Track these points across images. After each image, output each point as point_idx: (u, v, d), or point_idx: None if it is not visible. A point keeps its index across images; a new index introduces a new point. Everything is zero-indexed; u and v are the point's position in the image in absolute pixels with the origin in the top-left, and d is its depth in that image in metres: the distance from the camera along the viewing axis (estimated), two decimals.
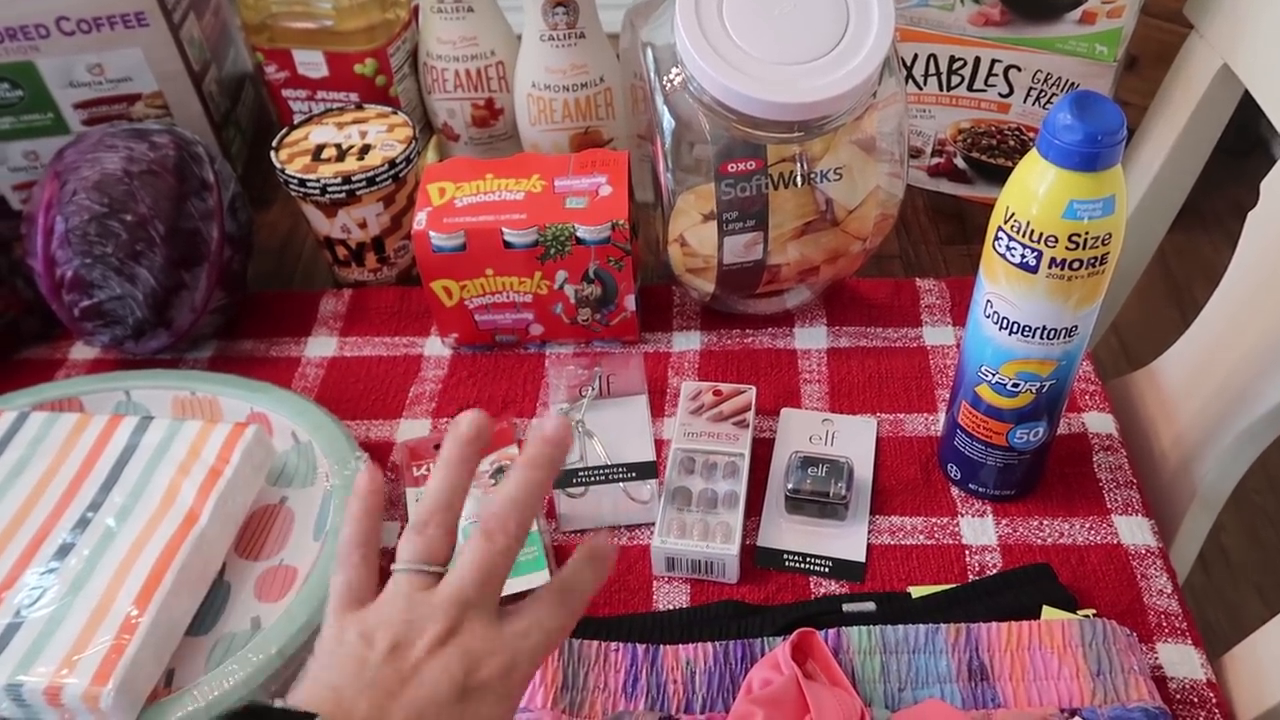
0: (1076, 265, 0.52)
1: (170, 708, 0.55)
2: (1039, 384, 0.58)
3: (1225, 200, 2.23)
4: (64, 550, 0.59)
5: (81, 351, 0.81)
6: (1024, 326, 0.56)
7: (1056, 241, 0.52)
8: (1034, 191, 0.52)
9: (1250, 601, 1.51)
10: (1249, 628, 0.59)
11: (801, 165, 0.68)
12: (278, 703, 0.37)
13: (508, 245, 0.71)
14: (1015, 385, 0.59)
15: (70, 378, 0.77)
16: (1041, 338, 0.56)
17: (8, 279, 0.78)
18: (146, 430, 0.66)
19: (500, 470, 0.68)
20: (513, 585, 0.61)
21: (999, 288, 0.56)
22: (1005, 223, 0.53)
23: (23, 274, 0.78)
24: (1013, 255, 0.54)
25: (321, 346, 0.80)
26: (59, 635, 0.55)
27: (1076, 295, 0.54)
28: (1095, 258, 0.52)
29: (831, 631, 0.54)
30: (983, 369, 0.60)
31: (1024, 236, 0.52)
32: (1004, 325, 0.56)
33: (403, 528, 0.66)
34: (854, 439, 0.70)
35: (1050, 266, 0.53)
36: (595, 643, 0.55)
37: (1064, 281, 0.53)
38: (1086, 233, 0.51)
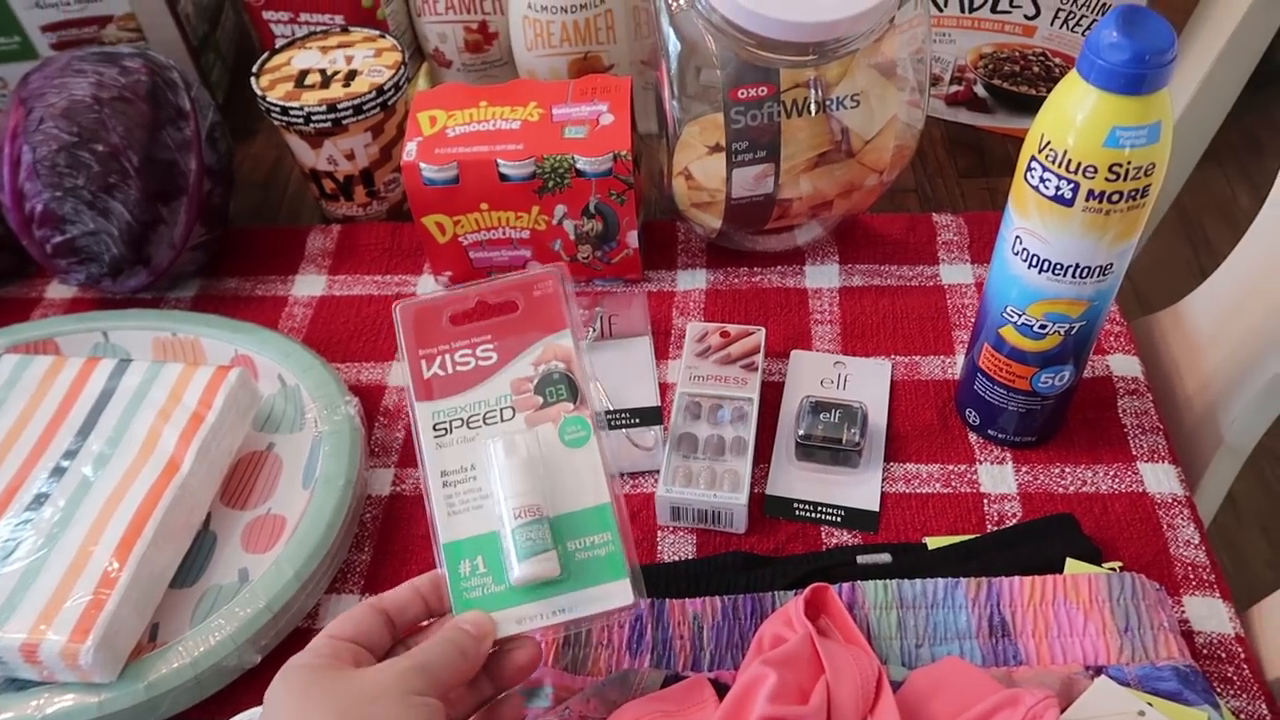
0: (1116, 198, 0.49)
1: (155, 663, 0.52)
2: (1068, 326, 0.55)
3: (1240, 133, 2.17)
4: (39, 500, 0.56)
5: (58, 290, 0.78)
6: (1055, 264, 0.52)
7: (1096, 172, 0.48)
8: (1072, 117, 0.48)
9: (1256, 544, 1.50)
10: (1254, 572, 0.56)
11: (816, 91, 0.64)
12: None
13: (503, 178, 0.67)
14: (1043, 327, 0.55)
15: (46, 317, 0.73)
16: (1073, 276, 0.52)
17: None
18: (125, 373, 0.62)
19: (551, 378, 0.48)
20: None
21: (1029, 222, 0.52)
22: (1039, 152, 0.50)
23: None
24: (1046, 187, 0.50)
25: (309, 285, 0.76)
26: (35, 589, 0.52)
27: (1114, 230, 0.50)
28: (1136, 190, 0.48)
29: (846, 585, 0.52)
30: (1008, 310, 0.56)
31: (1060, 166, 0.49)
32: (1033, 263, 0.53)
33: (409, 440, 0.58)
34: (867, 382, 0.67)
35: (1087, 199, 0.49)
36: None
37: (1101, 215, 0.49)
38: (1129, 162, 0.47)
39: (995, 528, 0.59)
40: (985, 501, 0.60)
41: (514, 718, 0.44)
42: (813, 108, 0.64)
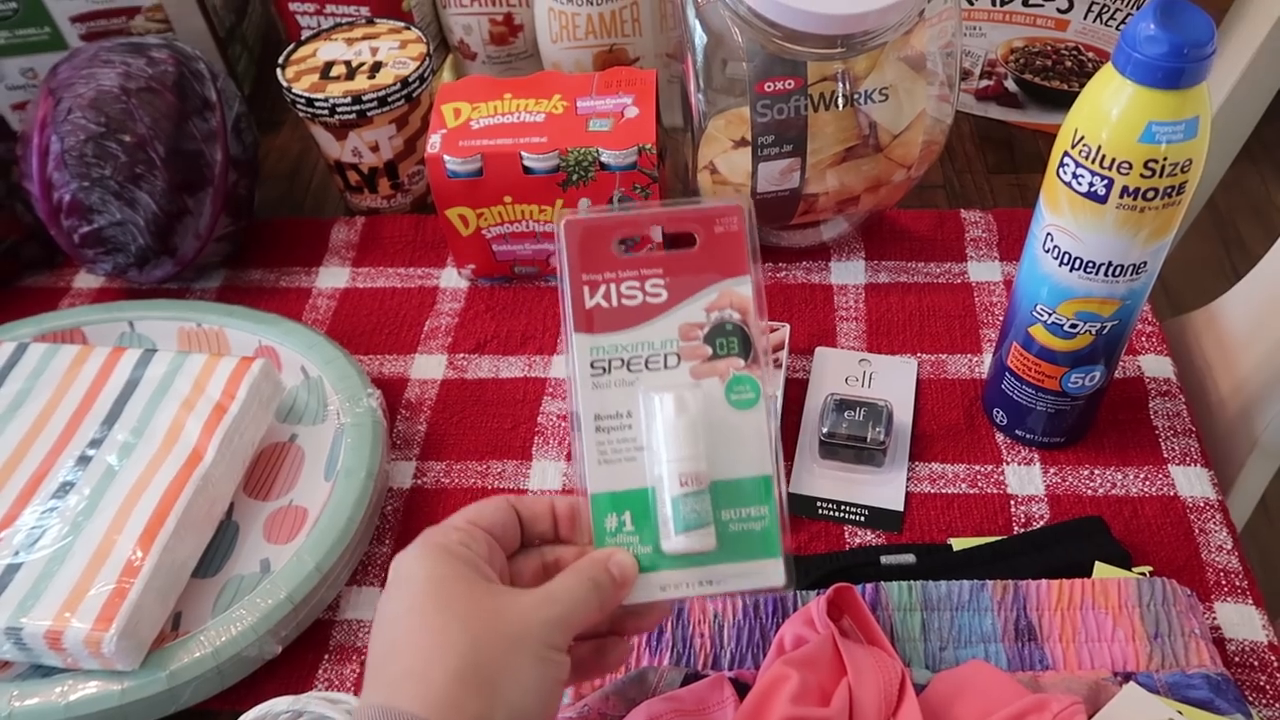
0: (1151, 195, 0.47)
1: (177, 651, 0.53)
2: (1099, 325, 0.54)
3: (1276, 131, 2.13)
4: (64, 489, 0.56)
5: (86, 280, 0.78)
6: (1087, 262, 0.51)
7: (1130, 168, 0.47)
8: (1107, 111, 0.47)
9: None
10: None
11: (844, 85, 0.63)
12: None
13: (527, 170, 0.67)
14: (1073, 326, 0.54)
15: (74, 307, 0.74)
16: (1106, 275, 0.51)
17: (6, 203, 0.75)
18: (150, 363, 0.63)
19: (724, 328, 0.42)
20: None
21: (1061, 219, 0.51)
22: (1073, 147, 0.49)
23: (22, 198, 0.74)
24: (1079, 183, 0.49)
25: (333, 277, 0.76)
26: (59, 577, 0.52)
27: (1148, 228, 0.49)
28: (1172, 187, 0.47)
29: (869, 586, 0.51)
30: (1038, 308, 0.55)
31: (1093, 162, 0.48)
32: (1065, 260, 0.52)
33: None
34: (893, 380, 0.66)
35: (1121, 196, 0.48)
36: None
37: (1135, 213, 0.48)
38: (1164, 158, 0.46)
39: (1022, 529, 0.58)
40: (1012, 503, 0.59)
41: (619, 659, 0.42)
42: (840, 101, 0.64)
